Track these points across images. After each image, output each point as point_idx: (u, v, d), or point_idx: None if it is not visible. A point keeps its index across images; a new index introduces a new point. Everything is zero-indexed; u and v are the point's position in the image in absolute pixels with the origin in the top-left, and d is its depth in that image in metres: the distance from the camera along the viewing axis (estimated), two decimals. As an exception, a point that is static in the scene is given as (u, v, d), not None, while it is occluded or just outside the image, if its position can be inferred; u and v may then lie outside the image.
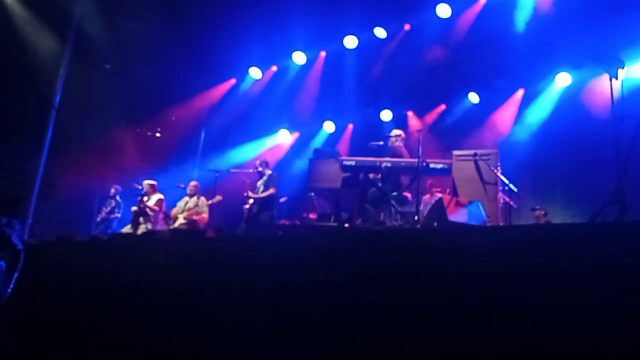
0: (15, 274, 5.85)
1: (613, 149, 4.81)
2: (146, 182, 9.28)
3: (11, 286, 5.78)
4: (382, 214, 6.88)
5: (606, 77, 5.30)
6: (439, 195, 7.65)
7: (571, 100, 9.34)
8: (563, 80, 9.58)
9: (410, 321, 2.77)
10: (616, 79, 5.20)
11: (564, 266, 2.37)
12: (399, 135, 7.35)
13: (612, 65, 5.19)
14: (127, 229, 9.03)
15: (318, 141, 12.76)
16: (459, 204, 5.01)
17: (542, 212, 8.44)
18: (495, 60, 9.96)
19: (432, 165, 6.46)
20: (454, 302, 2.64)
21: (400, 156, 6.98)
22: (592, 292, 2.26)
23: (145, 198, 9.01)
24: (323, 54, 12.25)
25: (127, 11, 11.53)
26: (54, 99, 10.40)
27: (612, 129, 4.95)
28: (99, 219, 10.20)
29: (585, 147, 8.36)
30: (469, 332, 2.53)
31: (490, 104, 10.50)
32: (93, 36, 11.37)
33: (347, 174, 6.67)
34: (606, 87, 5.27)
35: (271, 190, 8.39)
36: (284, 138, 13.21)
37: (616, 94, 5.14)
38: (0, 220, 6.10)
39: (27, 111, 10.67)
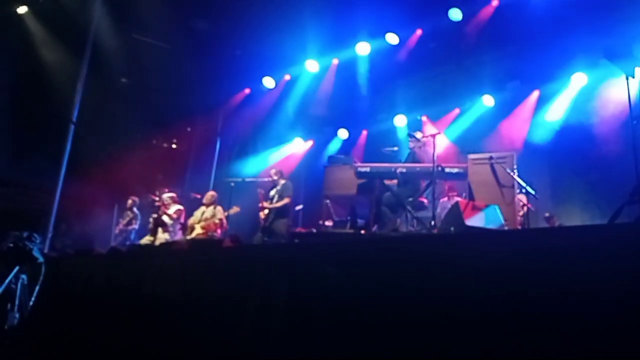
0: (37, 287, 5.94)
1: (632, 148, 4.73)
2: (165, 194, 9.37)
3: (33, 298, 5.87)
4: (398, 220, 6.83)
5: (623, 76, 5.22)
6: (456, 199, 7.58)
7: (588, 101, 9.20)
8: (579, 80, 9.45)
9: (428, 326, 2.75)
10: (633, 77, 5.12)
11: (583, 269, 2.33)
12: (420, 140, 7.18)
13: (629, 63, 5.11)
14: (145, 239, 9.12)
15: (332, 148, 12.75)
16: (475, 208, 4.96)
17: (555, 218, 8.37)
18: (509, 62, 9.87)
19: (447, 170, 6.38)
20: (472, 306, 2.61)
21: (419, 161, 6.87)
22: (613, 295, 2.21)
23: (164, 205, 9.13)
24: (335, 61, 12.26)
25: (141, 25, 11.70)
26: (71, 114, 10.56)
27: (630, 128, 4.87)
28: (117, 230, 10.31)
29: (603, 147, 8.23)
30: (488, 336, 2.50)
31: (506, 106, 10.40)
32: (109, 51, 11.56)
33: (363, 181, 6.65)
34: (623, 86, 5.19)
35: (286, 200, 8.44)
36: (299, 146, 13.24)
37: (634, 93, 5.07)
38: (21, 235, 6.20)
39: (46, 126, 10.87)
